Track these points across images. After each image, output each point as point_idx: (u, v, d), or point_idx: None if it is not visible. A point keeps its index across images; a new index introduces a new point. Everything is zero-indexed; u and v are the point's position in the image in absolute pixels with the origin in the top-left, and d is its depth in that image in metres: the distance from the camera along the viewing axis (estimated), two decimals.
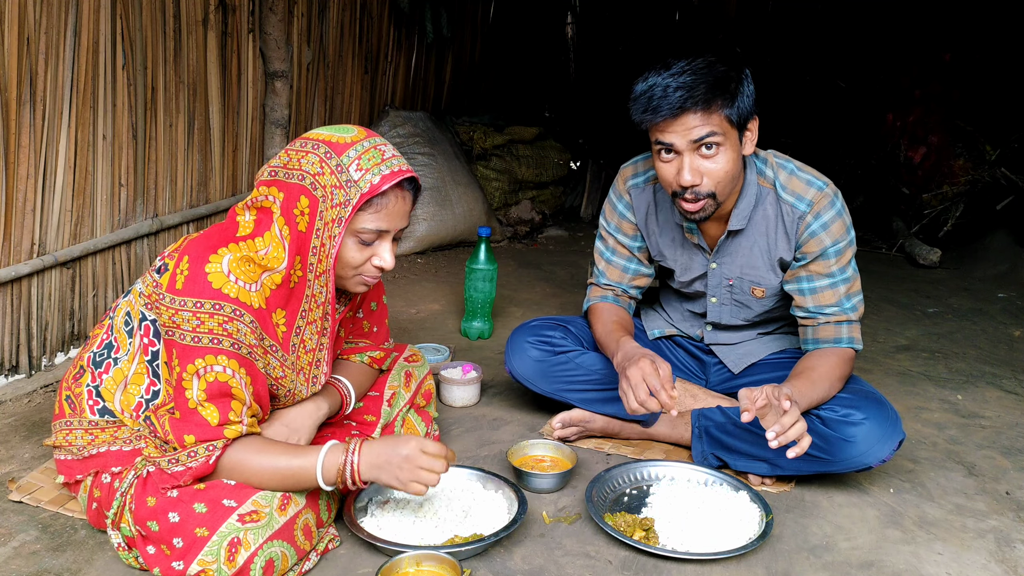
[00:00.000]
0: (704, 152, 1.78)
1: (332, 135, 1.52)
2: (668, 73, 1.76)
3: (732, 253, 2.00)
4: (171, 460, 1.47)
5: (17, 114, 2.19)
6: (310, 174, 1.48)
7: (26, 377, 2.36)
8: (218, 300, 1.44)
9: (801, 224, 1.90)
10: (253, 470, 1.49)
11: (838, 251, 1.90)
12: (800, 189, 1.90)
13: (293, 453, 1.52)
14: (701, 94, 1.73)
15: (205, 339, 1.44)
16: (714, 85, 1.74)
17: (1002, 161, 4.49)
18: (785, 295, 2.02)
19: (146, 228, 2.74)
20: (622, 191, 2.10)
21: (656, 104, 1.75)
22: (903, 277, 4.19)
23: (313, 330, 1.60)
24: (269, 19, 3.25)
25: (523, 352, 2.12)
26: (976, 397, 2.60)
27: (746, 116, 1.80)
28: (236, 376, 1.47)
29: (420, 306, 3.30)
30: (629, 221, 2.10)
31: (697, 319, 2.20)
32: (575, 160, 5.63)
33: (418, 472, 1.49)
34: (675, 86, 1.74)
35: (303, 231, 1.49)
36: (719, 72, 1.75)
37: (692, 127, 1.75)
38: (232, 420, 1.48)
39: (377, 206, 1.49)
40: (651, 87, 1.77)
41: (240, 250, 1.49)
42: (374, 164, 1.48)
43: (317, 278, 1.53)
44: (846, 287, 1.92)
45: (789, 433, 1.61)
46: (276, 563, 1.43)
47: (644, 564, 1.61)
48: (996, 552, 1.72)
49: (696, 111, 1.74)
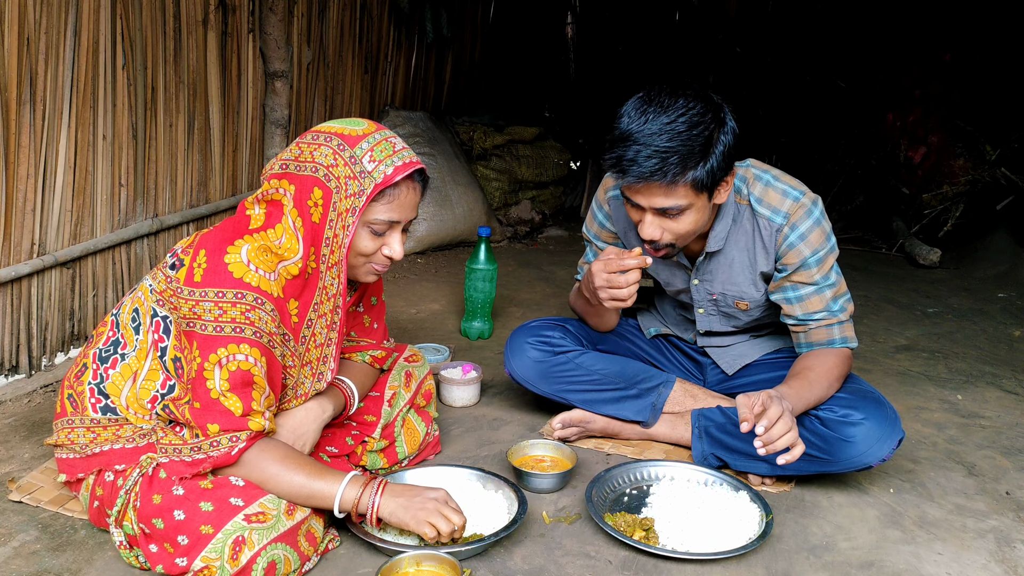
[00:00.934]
0: (669, 214, 1.75)
1: (344, 128, 1.54)
2: (646, 129, 1.67)
3: (712, 271, 1.99)
4: (193, 447, 1.47)
5: (17, 114, 2.19)
6: (323, 166, 1.50)
7: (26, 377, 2.36)
8: (240, 289, 1.45)
9: (779, 236, 1.88)
10: (270, 476, 1.50)
11: (819, 260, 1.87)
12: (776, 201, 1.87)
13: (315, 473, 1.53)
14: (672, 168, 1.66)
15: (227, 328, 1.44)
16: (687, 157, 1.66)
17: (1002, 161, 4.49)
18: (772, 304, 2.02)
19: (146, 228, 2.74)
20: (602, 201, 2.09)
21: (625, 167, 1.69)
22: (903, 277, 4.19)
23: (323, 323, 1.61)
24: (269, 19, 3.25)
25: (523, 353, 2.12)
26: (976, 397, 2.60)
27: (720, 175, 1.73)
28: (258, 364, 1.48)
29: (420, 306, 3.30)
30: (608, 231, 2.10)
31: (689, 324, 2.20)
32: (575, 160, 5.63)
33: (438, 516, 1.52)
34: (647, 154, 1.66)
35: (317, 222, 1.51)
36: (697, 137, 1.67)
37: (656, 197, 1.72)
38: (255, 410, 1.49)
39: (390, 197, 1.52)
40: (626, 140, 1.69)
41: (256, 240, 1.51)
42: (386, 155, 1.51)
43: (329, 269, 1.55)
44: (832, 291, 1.91)
45: (778, 443, 1.61)
46: (279, 566, 1.43)
47: (644, 564, 1.61)
48: (996, 552, 1.72)
49: (663, 184, 1.68)
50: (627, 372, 2.11)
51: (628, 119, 1.72)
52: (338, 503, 1.52)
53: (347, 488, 1.53)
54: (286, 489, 1.51)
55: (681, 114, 1.68)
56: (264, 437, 1.54)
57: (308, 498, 1.52)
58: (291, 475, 1.51)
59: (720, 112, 1.73)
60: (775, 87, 5.51)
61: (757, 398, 1.63)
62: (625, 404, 2.09)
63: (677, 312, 2.22)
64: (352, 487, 1.53)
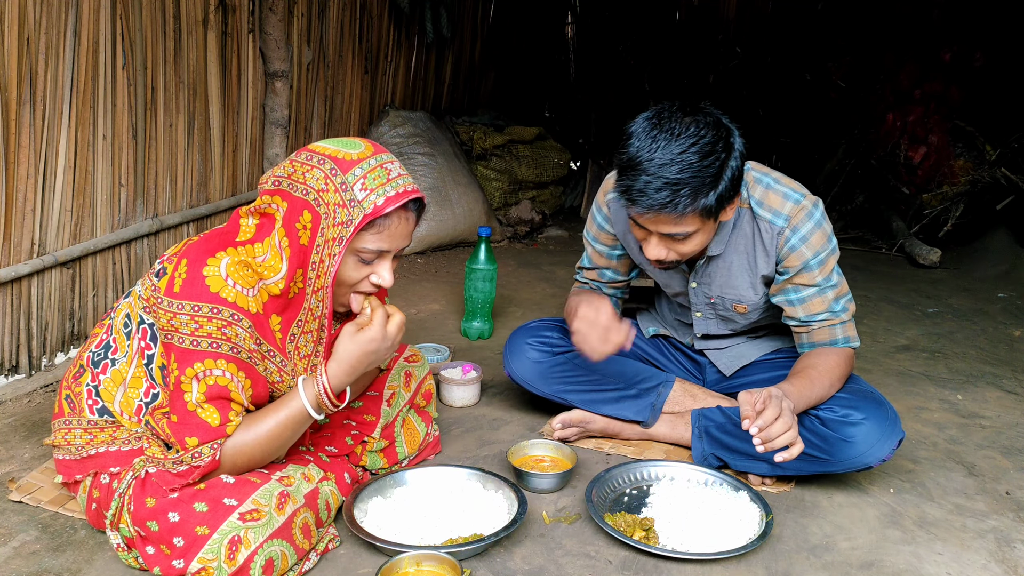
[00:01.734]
0: (675, 238, 1.75)
1: (339, 150, 1.49)
2: (656, 159, 1.64)
3: (711, 274, 1.98)
4: (175, 461, 1.47)
5: (17, 114, 2.19)
6: (314, 189, 1.46)
7: (26, 377, 2.36)
8: (216, 304, 1.44)
9: (780, 239, 1.87)
10: (248, 447, 1.51)
11: (820, 262, 1.87)
12: (776, 204, 1.86)
13: (275, 409, 1.54)
14: (683, 199, 1.65)
15: (204, 343, 1.44)
16: (698, 189, 1.65)
17: (1002, 161, 4.49)
18: (769, 306, 2.01)
19: (146, 228, 2.74)
20: (601, 203, 2.07)
21: (634, 198, 1.67)
22: (903, 277, 4.19)
23: (308, 339, 1.60)
24: (269, 19, 3.25)
25: (522, 354, 2.12)
26: (976, 397, 2.60)
27: (728, 200, 1.73)
28: (235, 380, 1.47)
29: (420, 306, 3.30)
30: (607, 232, 2.09)
31: (686, 328, 2.20)
32: (575, 160, 5.63)
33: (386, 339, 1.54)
34: (656, 186, 1.64)
35: (305, 245, 1.48)
36: (708, 167, 1.65)
37: (664, 225, 1.71)
38: (232, 420, 1.49)
39: (379, 227, 1.47)
40: (635, 169, 1.67)
41: (238, 254, 1.49)
42: (379, 184, 1.46)
43: (315, 293, 1.52)
44: (834, 292, 1.91)
45: (776, 441, 1.60)
46: (276, 562, 1.43)
47: (644, 564, 1.61)
48: (996, 552, 1.72)
49: (672, 214, 1.67)
50: (626, 372, 2.11)
51: (638, 143, 1.68)
52: (308, 405, 1.52)
53: (305, 389, 1.53)
54: (267, 442, 1.52)
55: (693, 143, 1.65)
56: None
57: (291, 430, 1.54)
58: (261, 427, 1.51)
59: (730, 137, 1.70)
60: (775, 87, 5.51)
61: (759, 395, 1.63)
62: (624, 404, 2.09)
63: (674, 316, 2.22)
64: (307, 386, 1.53)
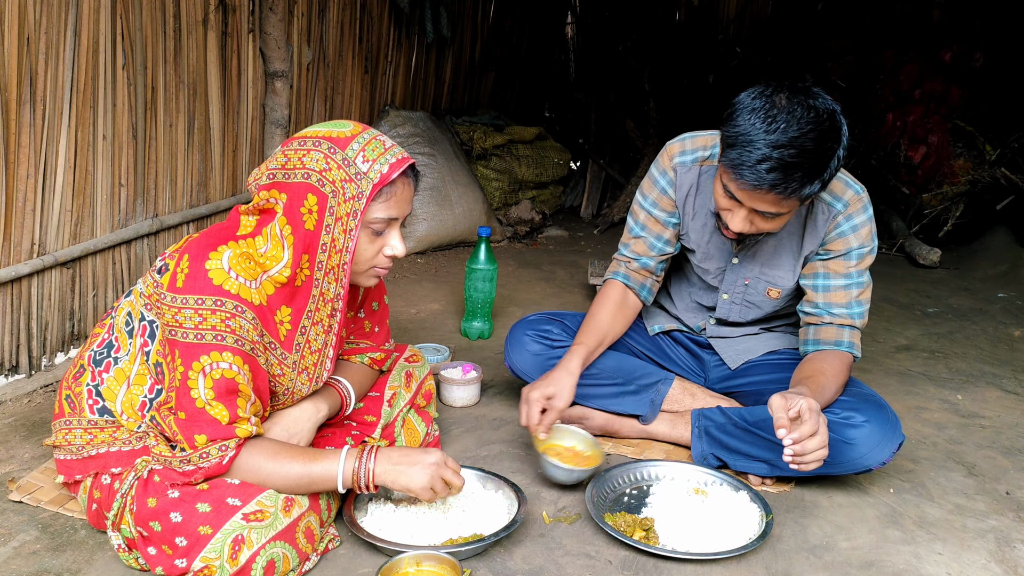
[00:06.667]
0: (765, 216, 1.75)
1: (330, 131, 1.52)
2: (773, 139, 1.62)
3: (757, 251, 2.00)
4: (182, 460, 1.46)
5: (17, 114, 2.19)
6: (316, 171, 1.47)
7: (26, 377, 2.36)
8: (219, 296, 1.44)
9: (832, 222, 1.90)
10: (266, 475, 1.50)
11: (860, 255, 1.91)
12: (838, 189, 1.90)
13: (310, 458, 1.53)
14: (793, 183, 1.64)
15: (208, 336, 1.44)
16: (809, 175, 1.64)
17: (1002, 161, 4.49)
18: (795, 297, 2.02)
19: (146, 228, 2.74)
20: (666, 167, 2.05)
21: (742, 172, 1.65)
22: (903, 277, 4.19)
23: (319, 330, 1.61)
24: (269, 19, 3.25)
25: (522, 346, 2.12)
26: (976, 397, 2.60)
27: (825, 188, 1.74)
28: (241, 372, 1.47)
29: (420, 306, 3.30)
30: (669, 197, 2.06)
31: (703, 311, 2.19)
32: (575, 160, 5.63)
33: (437, 480, 1.54)
34: (769, 166, 1.62)
35: (311, 229, 1.49)
36: (822, 155, 1.64)
37: (762, 203, 1.71)
38: (241, 417, 1.48)
39: (387, 195, 1.51)
40: (749, 145, 1.64)
41: (240, 247, 1.50)
42: (379, 154, 1.50)
43: (327, 275, 1.54)
44: (858, 291, 1.92)
45: (807, 458, 1.58)
46: (278, 564, 1.43)
47: (644, 564, 1.61)
48: (996, 552, 1.72)
49: (778, 195, 1.67)
50: (625, 368, 2.11)
51: (751, 118, 1.66)
52: (341, 479, 1.52)
53: (346, 461, 1.53)
54: (284, 482, 1.51)
55: (812, 128, 1.63)
56: (251, 439, 1.53)
57: (310, 485, 1.52)
58: (287, 468, 1.51)
59: (842, 127, 1.69)
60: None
61: (793, 401, 1.58)
62: (623, 400, 2.09)
63: (693, 298, 2.19)
64: (350, 459, 1.54)
